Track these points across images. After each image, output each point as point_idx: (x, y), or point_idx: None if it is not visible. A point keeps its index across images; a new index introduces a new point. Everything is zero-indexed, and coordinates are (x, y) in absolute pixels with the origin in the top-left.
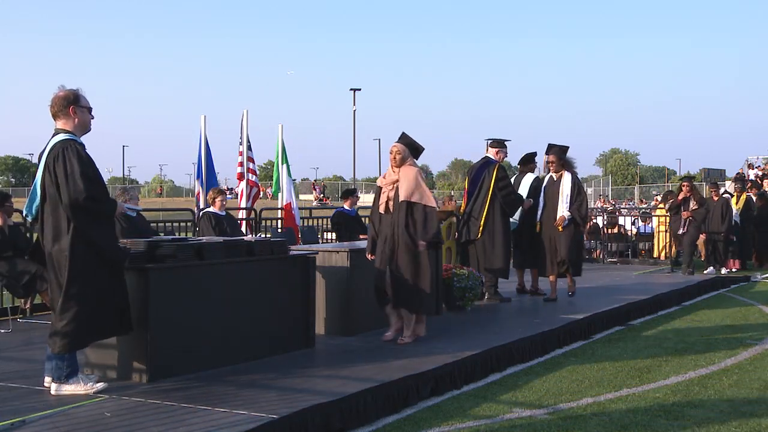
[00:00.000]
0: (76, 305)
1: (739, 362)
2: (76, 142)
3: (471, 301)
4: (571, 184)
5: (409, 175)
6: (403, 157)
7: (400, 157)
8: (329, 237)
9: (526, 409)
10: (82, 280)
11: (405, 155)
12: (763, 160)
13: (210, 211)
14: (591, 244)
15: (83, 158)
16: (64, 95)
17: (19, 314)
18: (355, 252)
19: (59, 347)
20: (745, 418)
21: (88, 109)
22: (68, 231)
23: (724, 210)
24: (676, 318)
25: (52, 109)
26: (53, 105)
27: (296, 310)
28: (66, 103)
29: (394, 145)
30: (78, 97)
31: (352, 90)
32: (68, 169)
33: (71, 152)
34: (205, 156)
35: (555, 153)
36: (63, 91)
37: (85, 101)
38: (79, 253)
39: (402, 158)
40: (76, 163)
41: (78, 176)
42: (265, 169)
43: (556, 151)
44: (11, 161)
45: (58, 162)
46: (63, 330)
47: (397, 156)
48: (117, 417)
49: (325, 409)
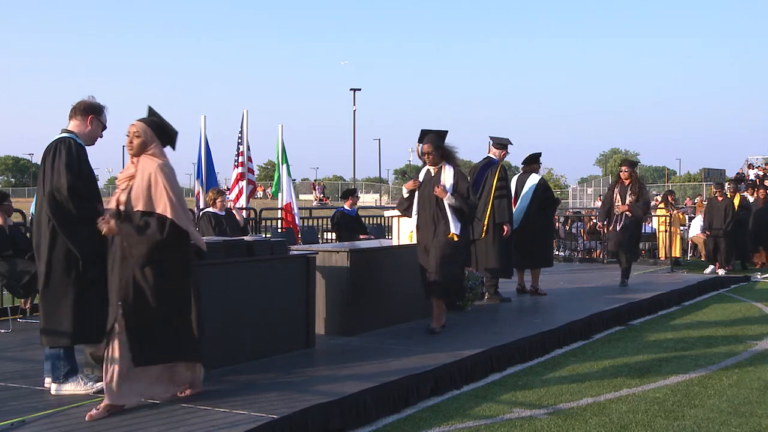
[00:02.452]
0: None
1: (739, 362)
2: (74, 140)
3: (471, 301)
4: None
5: (146, 171)
6: (144, 142)
7: (139, 141)
8: (329, 237)
9: (526, 409)
10: (61, 275)
11: (147, 139)
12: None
13: (210, 211)
14: (591, 244)
15: (73, 153)
16: (91, 103)
17: (19, 314)
18: (355, 252)
19: (43, 341)
20: (745, 418)
21: (103, 125)
22: (48, 223)
23: (728, 210)
24: (676, 318)
25: (72, 111)
26: (76, 107)
27: (296, 310)
28: (89, 110)
29: (133, 124)
30: (101, 110)
31: (352, 90)
32: (55, 162)
33: (63, 146)
34: (205, 156)
35: (431, 141)
36: (91, 99)
37: (105, 119)
38: (57, 247)
39: (141, 143)
40: (64, 156)
41: (63, 168)
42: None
43: (432, 138)
44: (11, 161)
45: (48, 155)
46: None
47: (135, 140)
48: (117, 417)
49: (325, 409)
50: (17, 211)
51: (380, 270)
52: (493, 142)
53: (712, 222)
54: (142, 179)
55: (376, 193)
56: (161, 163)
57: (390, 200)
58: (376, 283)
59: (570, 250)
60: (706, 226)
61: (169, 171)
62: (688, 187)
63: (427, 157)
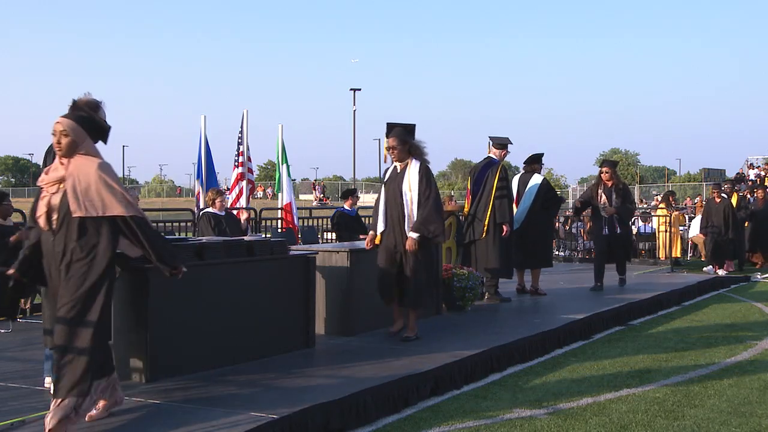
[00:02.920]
0: None
1: (739, 362)
2: None
3: (471, 301)
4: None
5: (84, 173)
6: (74, 141)
7: (68, 141)
8: (329, 237)
9: (526, 409)
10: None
11: (77, 137)
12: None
13: (209, 212)
14: (591, 244)
15: None
16: (88, 100)
17: (19, 314)
18: (355, 252)
19: (48, 342)
20: (745, 418)
21: None
22: None
23: (727, 211)
24: (676, 318)
25: (70, 110)
26: (74, 106)
27: (296, 310)
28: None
29: (58, 122)
30: (99, 107)
31: (352, 90)
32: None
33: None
34: (205, 156)
35: (396, 135)
36: (88, 97)
37: (104, 114)
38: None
39: (71, 143)
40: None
41: None
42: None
43: (398, 132)
44: (11, 161)
45: (49, 156)
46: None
47: (63, 139)
48: (117, 417)
49: (325, 409)
50: (17, 210)
51: None
52: (493, 142)
53: (711, 223)
54: (78, 182)
55: (376, 193)
56: (101, 163)
57: None
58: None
59: (570, 250)
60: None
61: (111, 170)
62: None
63: (392, 152)
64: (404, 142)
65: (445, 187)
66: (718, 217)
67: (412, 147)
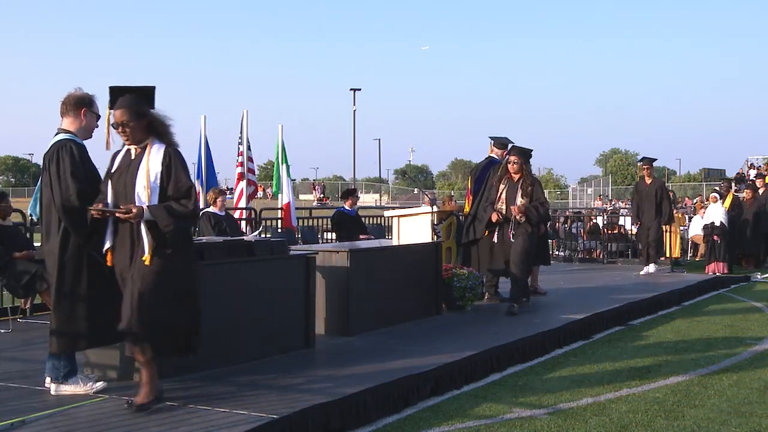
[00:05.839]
0: (67, 307)
1: (739, 362)
2: (74, 142)
3: (471, 301)
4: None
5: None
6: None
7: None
8: (329, 237)
9: (526, 409)
10: (72, 281)
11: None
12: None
13: (209, 211)
14: (591, 244)
15: (76, 159)
16: (80, 96)
17: (19, 314)
18: (355, 252)
19: (54, 347)
20: (745, 418)
21: (97, 115)
22: (58, 231)
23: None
24: (676, 318)
25: (63, 107)
26: (66, 103)
27: (296, 310)
28: (80, 104)
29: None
30: (92, 101)
31: (352, 90)
32: (60, 170)
33: (65, 152)
34: (205, 156)
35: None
36: (79, 91)
37: (97, 108)
38: (69, 253)
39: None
40: (68, 164)
41: (69, 177)
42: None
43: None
44: (11, 161)
45: (52, 162)
46: (56, 330)
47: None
48: (117, 417)
49: (325, 409)
50: (17, 210)
51: (380, 270)
52: (494, 142)
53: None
54: None
55: (376, 193)
56: None
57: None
58: (376, 283)
59: (570, 250)
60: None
61: None
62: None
63: (123, 131)
64: (140, 116)
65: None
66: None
67: (153, 124)
